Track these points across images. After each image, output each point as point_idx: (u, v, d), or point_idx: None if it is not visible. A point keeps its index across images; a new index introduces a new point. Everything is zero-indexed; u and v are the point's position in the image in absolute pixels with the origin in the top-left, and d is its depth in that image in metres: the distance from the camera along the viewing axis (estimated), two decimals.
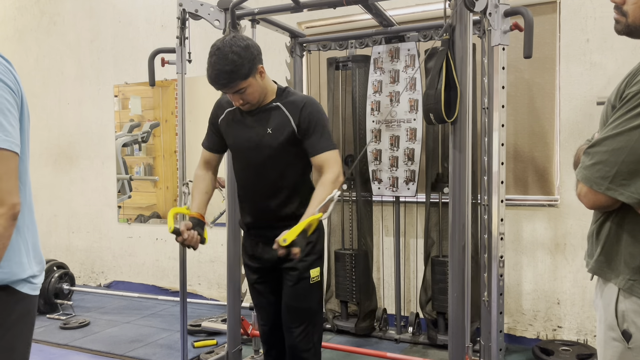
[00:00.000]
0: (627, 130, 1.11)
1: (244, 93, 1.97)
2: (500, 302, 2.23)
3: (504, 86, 2.20)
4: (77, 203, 5.21)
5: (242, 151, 2.14)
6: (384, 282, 3.83)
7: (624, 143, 1.11)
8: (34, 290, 1.35)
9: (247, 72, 1.93)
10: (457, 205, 2.19)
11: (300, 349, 2.11)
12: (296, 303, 2.11)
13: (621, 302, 1.20)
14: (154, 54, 2.89)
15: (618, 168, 1.13)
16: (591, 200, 1.19)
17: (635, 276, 1.18)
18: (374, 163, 3.51)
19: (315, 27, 3.99)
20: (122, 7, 4.87)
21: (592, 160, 1.17)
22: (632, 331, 1.18)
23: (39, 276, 1.38)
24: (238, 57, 1.90)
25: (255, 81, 1.98)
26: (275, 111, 2.06)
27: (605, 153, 1.14)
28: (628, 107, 1.12)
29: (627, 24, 1.22)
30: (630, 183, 1.12)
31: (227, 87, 1.95)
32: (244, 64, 1.91)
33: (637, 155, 1.11)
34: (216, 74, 1.92)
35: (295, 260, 1.95)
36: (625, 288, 1.19)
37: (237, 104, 2.03)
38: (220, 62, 1.90)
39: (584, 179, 1.19)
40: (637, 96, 1.11)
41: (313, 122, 2.02)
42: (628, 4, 1.21)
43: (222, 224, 4.36)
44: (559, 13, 3.27)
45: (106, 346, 3.51)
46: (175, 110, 4.68)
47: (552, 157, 3.37)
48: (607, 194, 1.15)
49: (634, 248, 1.19)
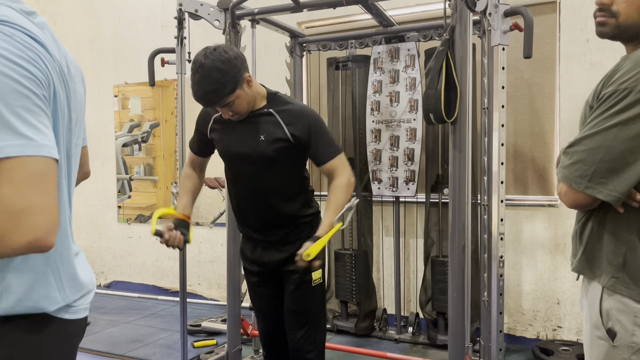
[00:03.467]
0: (604, 129, 1.14)
1: (233, 105, 1.92)
2: (500, 302, 2.22)
3: (504, 86, 2.20)
4: (77, 203, 5.21)
5: (234, 160, 2.08)
6: (384, 282, 3.83)
7: (601, 142, 1.14)
8: (73, 314, 1.10)
9: (233, 86, 1.87)
10: (457, 205, 2.19)
11: (303, 351, 2.09)
12: (298, 306, 2.09)
13: (605, 300, 1.22)
14: (153, 54, 2.89)
15: (596, 167, 1.15)
16: (571, 199, 1.21)
17: (618, 274, 1.19)
18: (373, 163, 3.51)
19: (315, 27, 3.99)
20: (122, 7, 4.88)
21: (571, 160, 1.19)
22: (616, 329, 1.19)
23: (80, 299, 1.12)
24: (222, 75, 1.84)
25: (243, 92, 1.92)
26: (268, 117, 2.00)
27: (584, 152, 1.16)
28: (604, 106, 1.15)
29: (618, 24, 1.23)
30: (608, 181, 1.14)
31: (215, 105, 1.91)
32: (229, 80, 1.85)
33: (614, 154, 1.13)
34: (201, 94, 1.86)
35: (295, 265, 1.96)
36: (609, 286, 1.20)
37: (226, 117, 1.98)
38: (204, 82, 1.84)
39: (564, 178, 1.21)
40: (612, 96, 1.13)
41: (314, 133, 1.99)
42: (618, 3, 1.22)
43: (222, 224, 4.37)
44: (559, 13, 3.27)
45: (106, 346, 3.51)
46: (175, 110, 4.68)
47: (552, 157, 3.37)
48: (586, 193, 1.17)
49: (615, 246, 1.21)
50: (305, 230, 2.07)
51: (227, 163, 2.14)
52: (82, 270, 1.15)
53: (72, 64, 1.09)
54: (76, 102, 1.08)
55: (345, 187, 1.98)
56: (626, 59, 1.18)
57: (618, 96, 1.13)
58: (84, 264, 1.18)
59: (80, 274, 1.13)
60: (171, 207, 2.20)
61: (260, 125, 2.00)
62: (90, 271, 1.21)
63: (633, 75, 1.12)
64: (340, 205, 1.93)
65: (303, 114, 2.01)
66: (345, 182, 1.99)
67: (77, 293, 1.11)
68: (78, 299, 1.12)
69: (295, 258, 1.83)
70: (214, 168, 2.44)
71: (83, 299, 1.13)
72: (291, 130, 1.98)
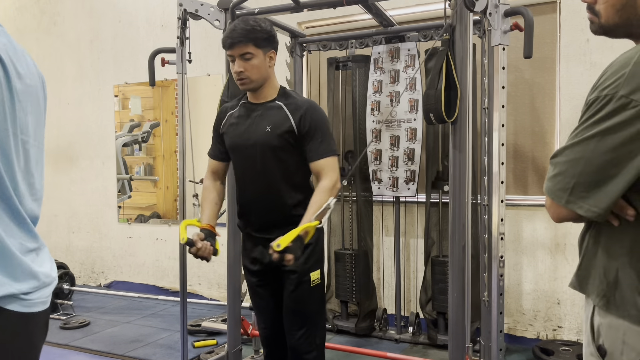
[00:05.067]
0: (584, 140, 1.07)
1: (249, 62, 1.98)
2: (500, 302, 2.22)
3: (504, 86, 2.20)
4: (77, 203, 5.21)
5: (240, 150, 2.11)
6: (384, 282, 3.83)
7: (581, 153, 1.07)
8: (27, 307, 1.13)
9: (261, 41, 1.98)
10: (457, 205, 2.19)
11: (302, 351, 2.09)
12: (297, 306, 2.09)
13: (595, 316, 1.15)
14: (154, 54, 2.89)
15: (576, 179, 1.08)
16: (555, 213, 1.14)
17: (610, 292, 1.12)
18: (374, 163, 3.51)
19: (315, 27, 3.99)
20: (122, 7, 4.88)
21: (554, 171, 1.12)
22: (606, 346, 1.13)
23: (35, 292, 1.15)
24: (259, 26, 1.98)
25: (264, 59, 2.01)
26: (277, 110, 2.05)
27: (565, 163, 1.10)
28: (587, 115, 1.08)
29: (601, 24, 1.18)
30: (589, 195, 1.07)
31: (236, 45, 1.97)
32: (262, 33, 1.98)
33: (593, 166, 1.06)
34: (232, 28, 1.98)
35: (294, 263, 1.94)
36: (601, 305, 1.13)
37: (236, 70, 2.00)
38: (241, 23, 1.98)
39: (547, 190, 1.14)
40: (594, 104, 1.07)
41: (313, 127, 2.01)
42: (599, 4, 1.17)
43: (222, 224, 4.36)
44: (559, 13, 3.27)
45: (106, 346, 3.51)
46: (175, 110, 4.68)
47: None
48: (568, 207, 1.10)
49: (607, 262, 1.14)
50: None
51: (233, 155, 2.16)
52: (37, 264, 1.16)
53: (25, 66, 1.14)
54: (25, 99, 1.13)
55: (329, 190, 1.96)
56: (614, 61, 1.11)
57: (599, 104, 1.06)
58: (42, 260, 1.19)
59: (33, 267, 1.14)
60: (195, 219, 2.16)
61: (267, 116, 2.05)
62: (49, 266, 1.21)
63: (615, 81, 1.04)
64: (320, 207, 1.90)
65: (310, 106, 2.06)
66: (330, 185, 1.97)
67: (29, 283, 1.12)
68: (33, 292, 1.13)
69: (269, 250, 1.79)
70: None
71: (38, 292, 1.15)
72: (296, 120, 2.01)
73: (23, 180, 1.13)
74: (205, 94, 4.35)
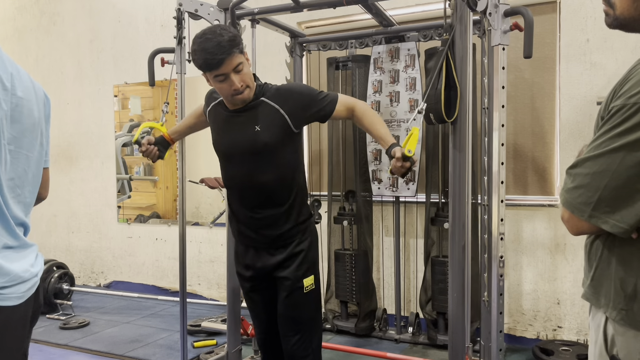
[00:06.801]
0: (609, 152, 1.01)
1: (242, 72, 1.89)
2: (500, 302, 2.22)
3: (504, 86, 2.20)
4: (77, 203, 5.21)
5: (230, 155, 2.06)
6: (384, 282, 3.83)
7: (606, 166, 1.01)
8: (3, 301, 1.16)
9: (242, 47, 1.90)
10: (457, 205, 2.19)
11: (297, 356, 2.06)
12: (291, 313, 2.07)
13: (609, 325, 1.11)
14: (153, 54, 2.89)
15: (601, 194, 1.02)
16: (574, 227, 1.09)
17: (628, 305, 1.07)
18: (373, 163, 3.51)
19: (315, 27, 3.99)
20: (122, 7, 4.87)
21: (573, 183, 1.07)
22: (621, 357, 1.09)
23: (9, 288, 1.19)
24: (229, 32, 1.87)
25: (247, 63, 1.94)
26: (261, 107, 1.98)
27: (587, 176, 1.04)
28: (611, 124, 1.01)
29: (615, 17, 1.13)
30: (614, 210, 1.02)
31: (226, 59, 1.82)
32: (238, 37, 1.89)
33: (620, 180, 1.00)
34: (208, 47, 1.80)
35: (288, 270, 1.99)
36: (618, 319, 1.08)
37: (235, 89, 1.89)
38: (213, 37, 1.82)
39: (566, 203, 1.09)
40: (620, 112, 1.00)
41: (306, 100, 2.00)
42: None
43: (222, 224, 4.37)
44: (559, 13, 3.27)
45: (106, 346, 3.51)
46: (175, 110, 4.67)
47: (552, 157, 3.37)
48: (591, 222, 1.05)
49: (624, 274, 1.08)
50: (298, 235, 2.06)
51: (222, 159, 2.12)
52: (10, 260, 1.20)
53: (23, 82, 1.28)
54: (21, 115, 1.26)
55: (369, 110, 2.03)
56: (638, 63, 1.04)
57: (626, 112, 0.99)
58: (20, 257, 1.24)
59: (4, 264, 1.18)
60: (160, 123, 2.43)
61: (254, 117, 1.99)
62: (30, 263, 1.26)
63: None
64: (382, 124, 1.97)
65: (291, 88, 2.06)
66: (366, 107, 2.04)
67: (5, 275, 1.17)
68: (7, 287, 1.16)
69: (391, 161, 1.75)
70: (214, 168, 2.44)
71: (12, 288, 1.18)
72: (285, 108, 1.97)
73: (6, 184, 1.22)
74: (204, 94, 4.33)
